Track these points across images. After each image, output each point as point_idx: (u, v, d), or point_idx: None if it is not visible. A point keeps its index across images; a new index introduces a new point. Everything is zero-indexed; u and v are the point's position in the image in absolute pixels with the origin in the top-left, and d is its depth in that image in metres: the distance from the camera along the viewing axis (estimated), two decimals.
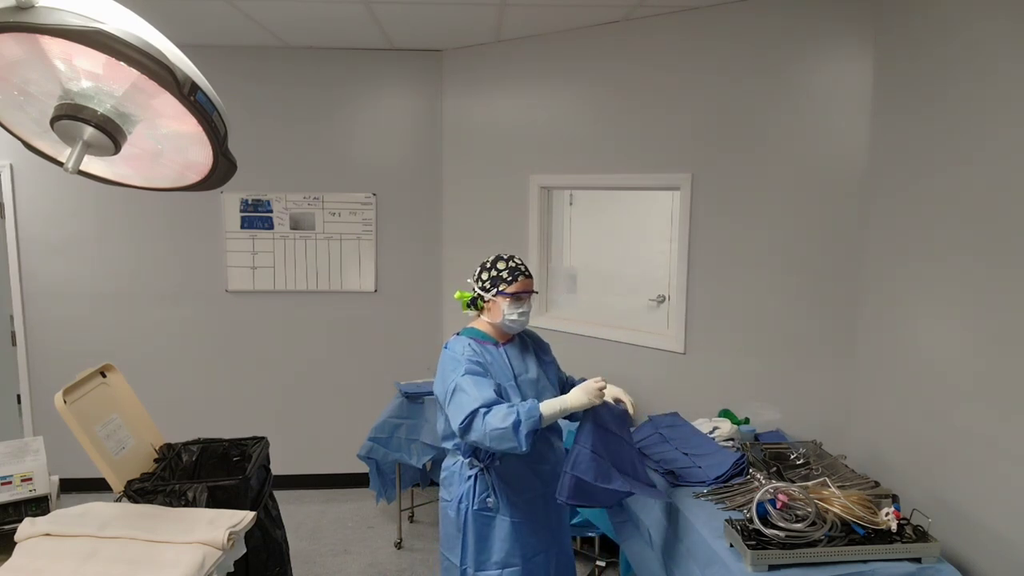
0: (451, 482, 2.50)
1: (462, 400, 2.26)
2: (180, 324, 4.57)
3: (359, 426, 4.24)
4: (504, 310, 2.46)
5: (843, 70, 3.04)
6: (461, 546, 2.45)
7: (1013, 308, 2.06)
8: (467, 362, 2.35)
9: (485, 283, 2.49)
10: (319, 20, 3.77)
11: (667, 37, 3.52)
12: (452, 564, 2.50)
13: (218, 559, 2.11)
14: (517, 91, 4.18)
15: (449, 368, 2.38)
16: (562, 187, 4.24)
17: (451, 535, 2.49)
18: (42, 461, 2.70)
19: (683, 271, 3.56)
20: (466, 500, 2.43)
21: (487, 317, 2.53)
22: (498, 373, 2.43)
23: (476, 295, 2.53)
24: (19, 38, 1.21)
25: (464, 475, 2.46)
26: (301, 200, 4.53)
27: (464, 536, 2.44)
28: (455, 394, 2.29)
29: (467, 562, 2.44)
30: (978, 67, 2.26)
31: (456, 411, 2.26)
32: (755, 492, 2.20)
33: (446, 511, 2.51)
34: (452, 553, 2.50)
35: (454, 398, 2.29)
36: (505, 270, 2.47)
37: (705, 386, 3.52)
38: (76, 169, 1.41)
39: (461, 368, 2.33)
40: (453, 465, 2.51)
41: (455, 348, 2.44)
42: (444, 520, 2.53)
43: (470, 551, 2.43)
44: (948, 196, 2.39)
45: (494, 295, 2.47)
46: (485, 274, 2.50)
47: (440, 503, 2.57)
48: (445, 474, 2.53)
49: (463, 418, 2.22)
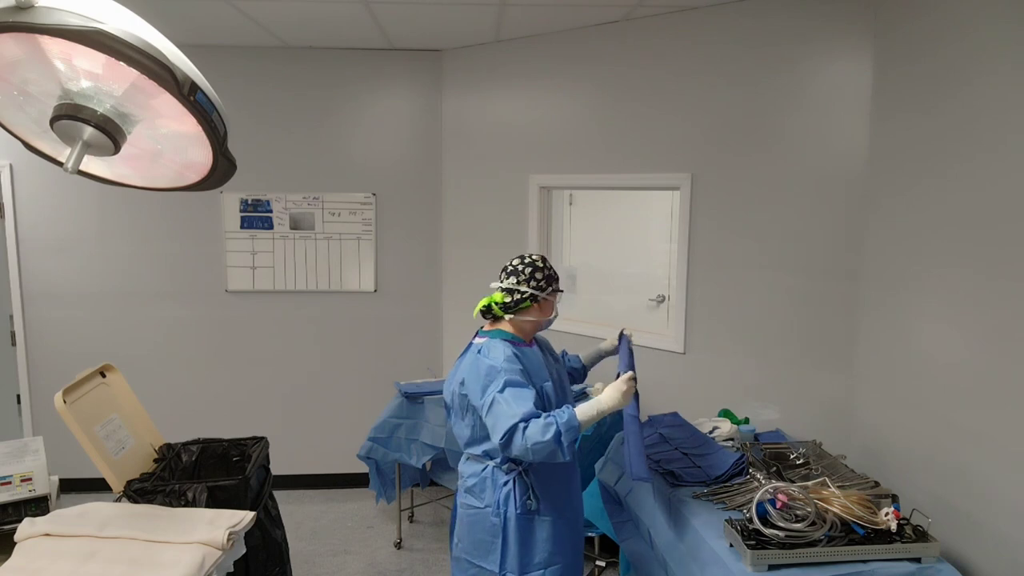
0: (482, 488, 2.42)
1: (501, 414, 2.23)
2: (180, 324, 4.57)
3: (359, 426, 4.24)
4: (556, 306, 2.54)
5: (843, 71, 3.04)
6: (501, 552, 2.37)
7: (1012, 308, 2.07)
8: (508, 372, 2.30)
9: (541, 282, 2.46)
10: (319, 20, 3.77)
11: (667, 37, 3.52)
12: (486, 571, 2.41)
13: (218, 559, 2.11)
14: (517, 91, 4.18)
15: (488, 378, 2.31)
16: (562, 187, 4.24)
17: (484, 542, 2.40)
18: (42, 461, 2.70)
19: (683, 271, 3.56)
20: (505, 505, 2.37)
21: (528, 317, 2.48)
22: (536, 374, 2.42)
23: (526, 295, 2.44)
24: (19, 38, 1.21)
25: (499, 480, 2.39)
26: (301, 200, 4.53)
27: (504, 541, 2.37)
28: (493, 407, 2.26)
29: (508, 567, 2.38)
30: (977, 69, 2.26)
31: (496, 426, 2.24)
32: (755, 492, 2.20)
33: (476, 518, 2.42)
34: (486, 560, 2.40)
35: (492, 411, 2.26)
36: (552, 269, 2.52)
37: (705, 386, 3.52)
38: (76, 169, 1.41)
39: (501, 380, 2.28)
40: (483, 471, 2.43)
41: (493, 355, 2.36)
42: (473, 528, 2.43)
43: (512, 555, 2.37)
44: (948, 197, 2.39)
45: (549, 292, 2.48)
46: (539, 273, 2.46)
47: (464, 511, 2.47)
48: (473, 481, 2.44)
49: (503, 434, 2.20)
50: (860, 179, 2.98)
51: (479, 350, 2.41)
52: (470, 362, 2.41)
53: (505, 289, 2.46)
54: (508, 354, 2.36)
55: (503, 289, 2.47)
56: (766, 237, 3.28)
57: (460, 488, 2.52)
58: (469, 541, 2.45)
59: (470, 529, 2.45)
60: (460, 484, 2.52)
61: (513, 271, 2.47)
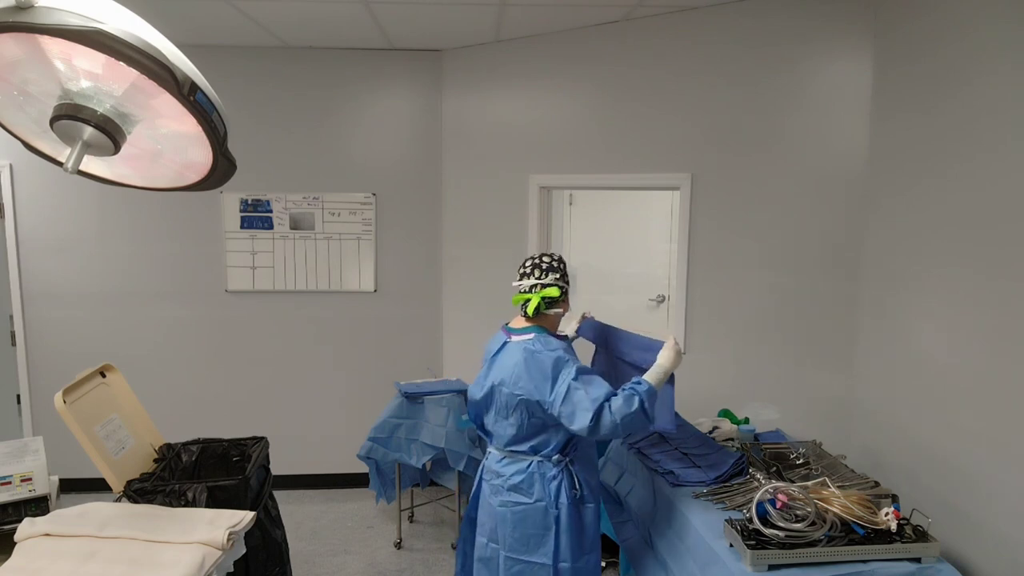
0: (530, 483, 2.45)
1: (582, 400, 2.30)
2: (180, 324, 4.57)
3: (359, 426, 4.24)
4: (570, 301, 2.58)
5: (843, 71, 3.04)
6: (555, 543, 2.42)
7: (1012, 308, 2.07)
8: (573, 361, 2.39)
9: (566, 277, 2.55)
10: (319, 20, 3.77)
11: (667, 37, 3.52)
12: (534, 565, 2.44)
13: (218, 559, 2.11)
14: (517, 91, 4.18)
15: (555, 370, 2.36)
16: (562, 187, 4.24)
17: (534, 536, 2.44)
18: (42, 461, 2.70)
19: (683, 271, 3.56)
20: (557, 496, 2.43)
21: (555, 313, 2.55)
22: None
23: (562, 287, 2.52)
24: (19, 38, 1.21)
25: (547, 474, 2.45)
26: (301, 200, 4.53)
27: (558, 532, 2.42)
28: (571, 394, 2.31)
29: (562, 557, 2.43)
30: (977, 69, 2.26)
31: (576, 412, 2.30)
32: (755, 492, 2.20)
33: (525, 514, 2.45)
34: (536, 554, 2.44)
35: (570, 398, 2.31)
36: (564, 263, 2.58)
37: (705, 386, 3.52)
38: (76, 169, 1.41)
39: (571, 368, 2.35)
40: (528, 467, 2.46)
41: (552, 347, 2.41)
42: (520, 524, 2.45)
43: (565, 545, 2.42)
44: (948, 197, 2.39)
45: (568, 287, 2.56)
46: (557, 273, 2.53)
47: (507, 509, 2.48)
48: (520, 478, 2.46)
49: (591, 416, 2.27)
50: (860, 179, 2.98)
51: (529, 347, 2.43)
52: (522, 360, 2.42)
53: (549, 285, 2.50)
54: (564, 344, 2.46)
55: (550, 285, 2.51)
56: (766, 237, 3.28)
57: (500, 487, 2.51)
58: (515, 538, 2.47)
59: (516, 526, 2.47)
60: (499, 483, 2.51)
61: (550, 267, 2.54)
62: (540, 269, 2.52)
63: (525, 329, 2.52)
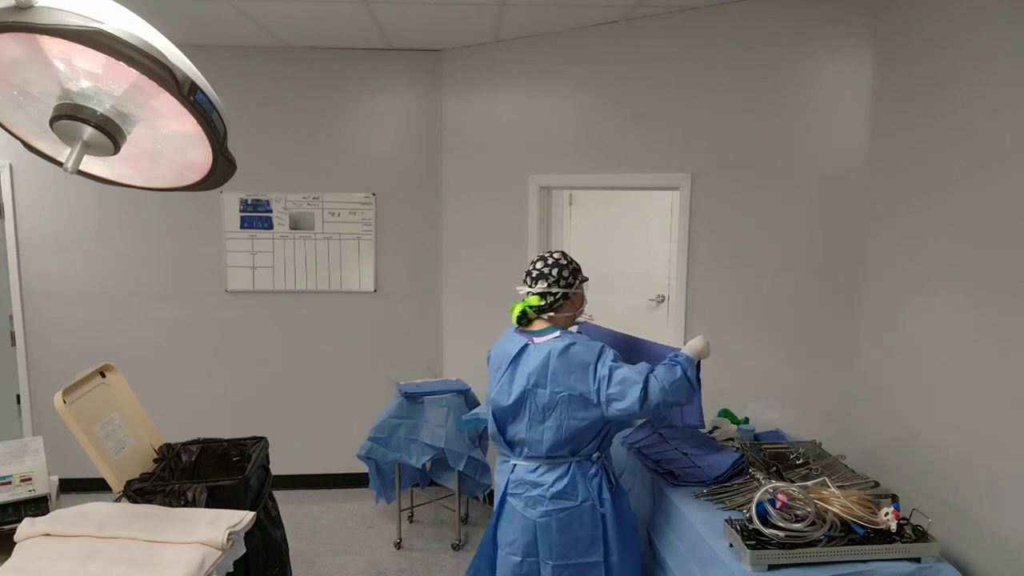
0: (574, 486, 2.44)
1: (627, 376, 2.34)
2: (180, 324, 4.57)
3: (359, 426, 4.24)
4: (584, 295, 2.61)
5: (843, 71, 3.04)
6: (604, 541, 2.44)
7: (1012, 308, 2.07)
8: (607, 349, 2.43)
9: (568, 279, 2.54)
10: (319, 20, 3.77)
11: (667, 37, 3.52)
12: (587, 565, 2.44)
13: (218, 559, 2.11)
14: (517, 91, 4.18)
15: (592, 356, 2.40)
16: (562, 187, 4.24)
17: (583, 538, 2.43)
18: (41, 461, 2.70)
19: (683, 271, 3.56)
20: (599, 493, 2.45)
21: (565, 313, 2.57)
22: None
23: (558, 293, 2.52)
24: (19, 38, 1.21)
25: (588, 472, 2.46)
26: (300, 200, 4.53)
27: (605, 529, 2.44)
28: (615, 374, 2.35)
29: (612, 551, 2.45)
30: (977, 69, 2.26)
31: (625, 388, 2.33)
32: (755, 492, 2.20)
33: (572, 518, 2.43)
34: (587, 554, 2.44)
35: (614, 377, 2.35)
36: (574, 262, 2.59)
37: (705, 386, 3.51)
38: (75, 169, 1.41)
39: (609, 353, 2.40)
40: (568, 471, 2.44)
41: (582, 342, 2.45)
42: (567, 528, 2.43)
43: (613, 540, 2.45)
44: (948, 197, 2.39)
45: (577, 287, 2.57)
46: (565, 271, 2.54)
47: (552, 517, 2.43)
48: (563, 484, 2.43)
49: (640, 387, 2.31)
50: (860, 179, 2.98)
51: (559, 345, 2.43)
52: (556, 358, 2.41)
53: (537, 293, 2.52)
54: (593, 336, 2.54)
55: (535, 293, 2.53)
56: (766, 237, 3.28)
57: (540, 498, 2.44)
58: (563, 544, 2.43)
59: (563, 531, 2.43)
60: (537, 494, 2.45)
61: (540, 275, 2.53)
62: (531, 277, 2.56)
63: (546, 330, 2.52)
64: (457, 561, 3.86)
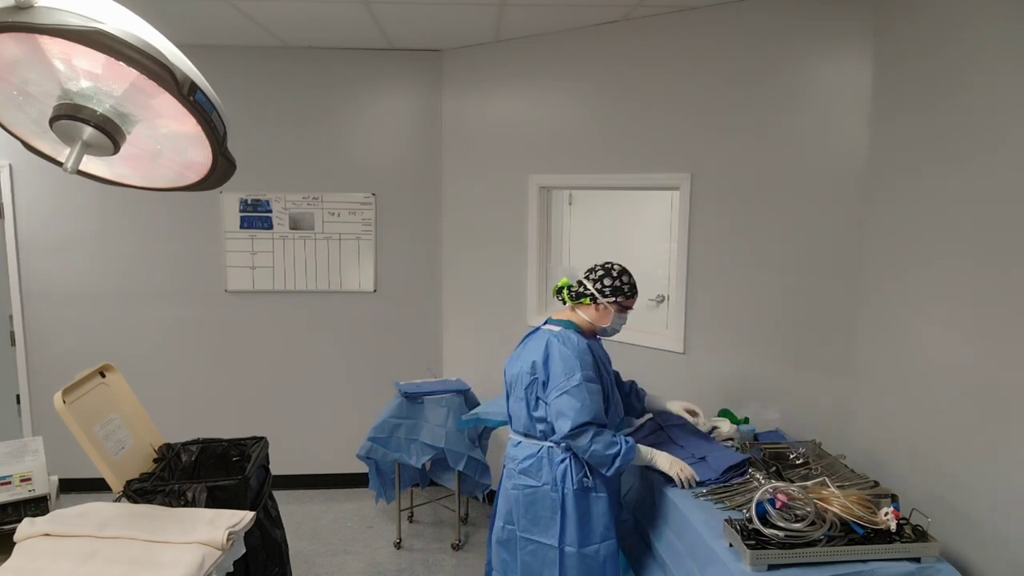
0: (539, 467, 2.58)
1: (575, 407, 2.44)
2: (179, 324, 4.57)
3: (359, 426, 4.24)
4: (612, 319, 2.64)
5: (842, 70, 3.04)
6: (560, 526, 2.53)
7: (1012, 308, 2.07)
8: (585, 365, 2.50)
9: (605, 289, 2.61)
10: (319, 20, 3.77)
11: (667, 37, 3.52)
12: (543, 545, 2.56)
13: (217, 559, 2.11)
14: (517, 91, 4.18)
15: (564, 364, 2.49)
16: (562, 187, 4.24)
17: (543, 518, 2.56)
18: (41, 461, 2.70)
19: (683, 271, 3.56)
20: (563, 482, 2.53)
21: (586, 316, 2.67)
22: (605, 367, 2.66)
23: (588, 292, 2.64)
24: (18, 38, 1.21)
25: (555, 459, 2.56)
26: (300, 200, 4.53)
27: (563, 516, 2.53)
28: (569, 395, 2.45)
29: (567, 541, 2.53)
30: (977, 69, 2.26)
31: (569, 414, 2.44)
32: (754, 492, 2.20)
33: (535, 496, 2.57)
34: (545, 535, 2.56)
35: (567, 399, 2.45)
36: (628, 285, 2.65)
37: (705, 386, 3.52)
38: (75, 169, 1.41)
39: (578, 370, 2.47)
40: (538, 452, 2.59)
41: (572, 343, 2.55)
42: (531, 506, 2.58)
43: (571, 530, 2.53)
44: (947, 196, 2.39)
45: (609, 303, 2.62)
46: (608, 280, 2.63)
47: (519, 491, 2.61)
48: (530, 462, 2.59)
49: (574, 426, 2.42)
50: (860, 179, 2.98)
51: (556, 337, 2.58)
52: (545, 345, 2.57)
53: (579, 280, 2.69)
54: (583, 347, 2.55)
55: (579, 280, 2.68)
56: (766, 237, 3.28)
57: (512, 471, 2.65)
58: (527, 519, 2.60)
59: (528, 507, 2.60)
60: (512, 467, 2.66)
61: (591, 269, 2.70)
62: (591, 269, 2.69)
63: (559, 321, 2.69)
64: (457, 561, 3.86)
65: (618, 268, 2.66)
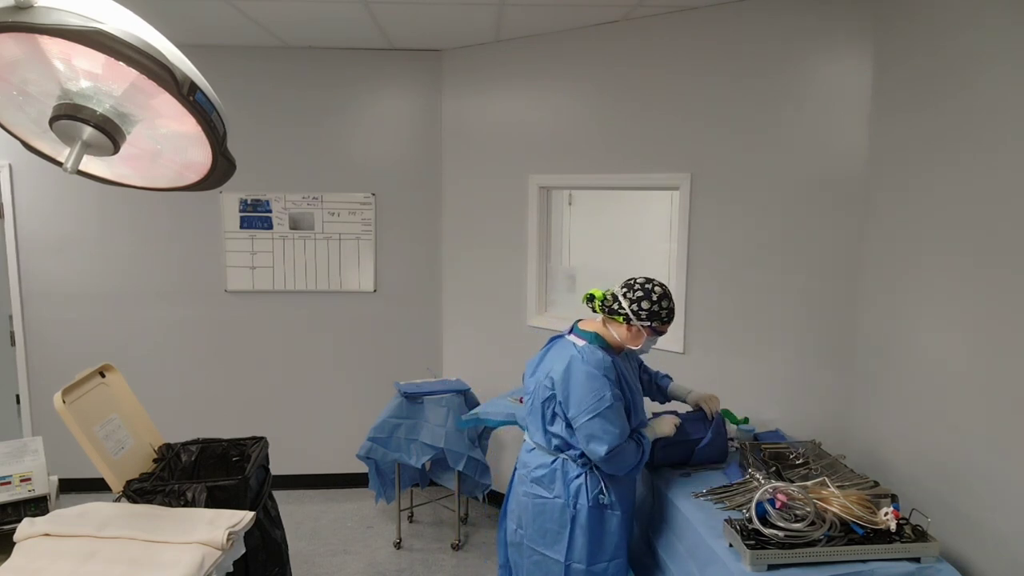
0: (551, 479, 2.52)
1: (612, 432, 2.37)
2: (179, 324, 4.57)
3: (359, 426, 4.24)
4: (644, 341, 2.51)
5: (843, 70, 3.04)
6: (568, 542, 2.47)
7: (1012, 308, 2.07)
8: (611, 384, 2.41)
9: (642, 312, 2.44)
10: (319, 20, 3.77)
11: (667, 37, 3.52)
12: (551, 559, 2.51)
13: (217, 559, 2.11)
14: (517, 91, 4.18)
15: (591, 384, 2.40)
16: (561, 187, 4.24)
17: (551, 531, 2.51)
18: (41, 461, 2.70)
19: (683, 271, 3.56)
20: (576, 497, 2.47)
21: (616, 334, 2.53)
22: (630, 384, 2.55)
23: (623, 311, 2.47)
24: (18, 38, 1.21)
25: (570, 473, 2.49)
26: (300, 200, 4.53)
27: (573, 532, 2.46)
28: (600, 418, 2.37)
29: (574, 557, 2.47)
30: (977, 69, 2.26)
31: (605, 438, 2.37)
32: (754, 492, 2.20)
33: (544, 508, 2.52)
34: (551, 549, 2.51)
35: (601, 422, 2.37)
36: (666, 311, 2.47)
37: (705, 386, 3.51)
38: (75, 169, 1.41)
39: (607, 390, 2.39)
40: (553, 463, 2.52)
41: (596, 360, 2.43)
42: (539, 516, 2.53)
43: (580, 546, 2.46)
44: (948, 196, 2.39)
45: (644, 326, 2.47)
46: (647, 303, 2.44)
47: (529, 499, 2.57)
48: (543, 472, 2.53)
49: (610, 449, 2.36)
50: (860, 179, 2.98)
51: (579, 353, 2.46)
52: (566, 361, 2.46)
53: (614, 294, 2.52)
54: (608, 364, 2.44)
55: (613, 293, 2.53)
56: (766, 237, 3.28)
57: (524, 477, 2.60)
58: (534, 529, 2.55)
59: (536, 517, 2.54)
60: (524, 473, 2.61)
61: (628, 286, 2.51)
62: (626, 282, 2.53)
63: (586, 333, 2.56)
64: (457, 561, 3.86)
65: (659, 291, 2.46)
